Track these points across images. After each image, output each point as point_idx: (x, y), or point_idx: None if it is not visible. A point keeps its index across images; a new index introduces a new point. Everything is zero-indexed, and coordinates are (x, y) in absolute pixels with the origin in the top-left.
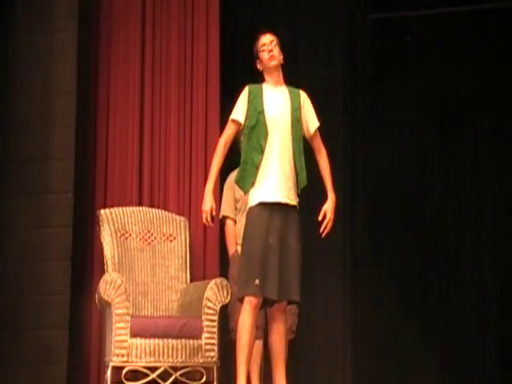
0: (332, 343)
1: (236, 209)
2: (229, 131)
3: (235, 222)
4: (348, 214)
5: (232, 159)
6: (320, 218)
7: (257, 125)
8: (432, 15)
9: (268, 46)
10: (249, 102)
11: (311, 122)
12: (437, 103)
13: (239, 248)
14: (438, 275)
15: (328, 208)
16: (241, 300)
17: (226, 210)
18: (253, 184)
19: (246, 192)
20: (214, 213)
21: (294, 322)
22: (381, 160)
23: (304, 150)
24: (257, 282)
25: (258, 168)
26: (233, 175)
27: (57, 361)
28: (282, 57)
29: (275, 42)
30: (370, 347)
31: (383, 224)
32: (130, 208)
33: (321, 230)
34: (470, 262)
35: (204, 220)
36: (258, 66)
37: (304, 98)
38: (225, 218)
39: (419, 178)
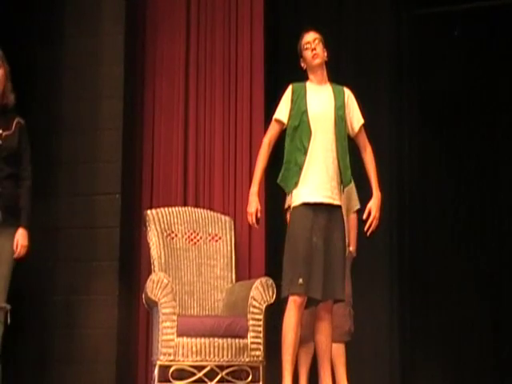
0: (378, 346)
1: None
2: (272, 131)
3: None
4: (395, 212)
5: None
6: (365, 216)
7: (300, 125)
8: (481, 8)
9: (311, 45)
10: (292, 102)
11: (355, 119)
12: (487, 100)
13: None
14: (488, 278)
15: (373, 206)
16: (286, 299)
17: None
18: (296, 184)
19: (289, 192)
20: (259, 215)
21: (352, 324)
22: (428, 159)
23: (349, 148)
24: (300, 281)
25: (301, 168)
26: None
27: (105, 359)
28: (325, 54)
29: (318, 39)
30: (418, 348)
31: (429, 222)
32: (176, 208)
33: (365, 229)
34: None
35: (250, 222)
36: (302, 65)
37: (348, 95)
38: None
39: (468, 178)
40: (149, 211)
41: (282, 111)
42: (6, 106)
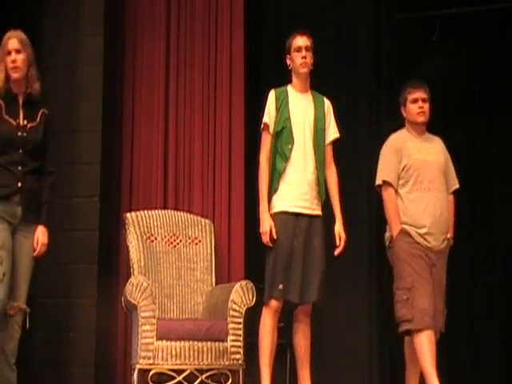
0: (358, 345)
1: (401, 178)
2: (267, 145)
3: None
4: (374, 215)
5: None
6: (337, 243)
7: (282, 131)
8: (459, 14)
9: (302, 51)
10: (276, 109)
11: (329, 132)
12: (466, 103)
13: (406, 227)
14: (466, 273)
15: (340, 230)
16: (265, 303)
17: (388, 175)
18: (276, 191)
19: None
20: (273, 232)
21: (443, 322)
22: None
23: None
24: (280, 286)
25: (281, 175)
26: (395, 137)
27: (84, 363)
28: (312, 61)
29: (309, 47)
30: (398, 348)
31: None
32: (156, 211)
33: (336, 253)
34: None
35: (264, 241)
36: (288, 62)
37: (328, 106)
38: (386, 184)
39: None
40: (128, 214)
41: (270, 118)
42: (30, 95)
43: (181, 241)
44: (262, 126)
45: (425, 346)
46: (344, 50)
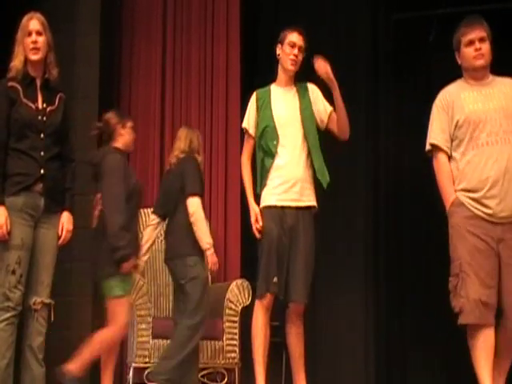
0: (355, 345)
1: (454, 138)
2: (247, 147)
3: (449, 158)
4: (371, 212)
5: None
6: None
7: (267, 129)
8: (456, 14)
9: (295, 49)
10: (257, 109)
11: (323, 110)
12: None
13: (460, 194)
14: None
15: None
16: (259, 297)
17: (435, 137)
18: (264, 186)
19: (259, 193)
20: (259, 223)
21: None
22: (404, 161)
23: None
24: (275, 279)
25: (268, 171)
26: (446, 90)
27: None
28: (300, 63)
29: (303, 48)
30: (394, 348)
31: (405, 222)
32: (151, 209)
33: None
34: None
35: (255, 233)
36: (278, 51)
37: (312, 90)
38: (435, 148)
39: None
40: None
41: (249, 122)
42: (47, 80)
43: None
44: (245, 134)
45: (478, 344)
46: (341, 50)
